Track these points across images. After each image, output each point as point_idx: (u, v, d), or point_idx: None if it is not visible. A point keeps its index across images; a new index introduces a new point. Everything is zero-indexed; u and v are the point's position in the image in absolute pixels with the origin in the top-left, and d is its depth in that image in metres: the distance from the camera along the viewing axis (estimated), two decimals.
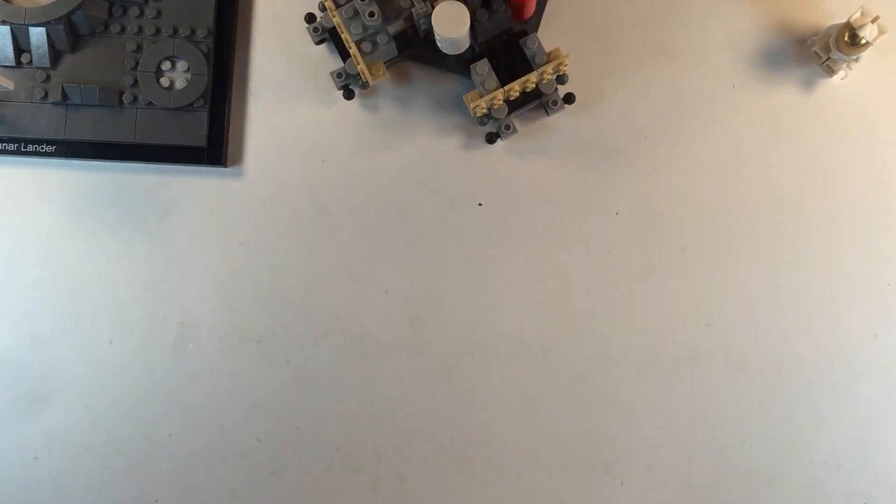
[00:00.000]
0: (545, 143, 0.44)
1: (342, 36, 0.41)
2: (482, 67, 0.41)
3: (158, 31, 0.44)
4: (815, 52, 0.44)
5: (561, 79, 0.43)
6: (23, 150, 0.44)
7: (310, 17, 0.44)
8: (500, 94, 0.41)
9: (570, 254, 0.44)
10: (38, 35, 0.43)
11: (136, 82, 0.44)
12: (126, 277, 0.44)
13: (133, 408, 0.44)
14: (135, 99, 0.44)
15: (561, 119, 0.44)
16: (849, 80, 0.44)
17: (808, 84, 0.44)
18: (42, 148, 0.44)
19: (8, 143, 0.44)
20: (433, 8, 0.39)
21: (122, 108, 0.44)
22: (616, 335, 0.43)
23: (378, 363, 0.44)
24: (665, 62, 0.44)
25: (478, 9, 0.41)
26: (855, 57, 0.42)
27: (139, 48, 0.44)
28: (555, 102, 0.43)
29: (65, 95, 0.43)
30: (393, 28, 0.42)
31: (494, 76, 0.41)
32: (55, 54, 0.44)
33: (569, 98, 0.43)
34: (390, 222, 0.44)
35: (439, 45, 0.42)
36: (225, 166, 0.44)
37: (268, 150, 0.45)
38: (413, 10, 0.41)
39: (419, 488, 0.43)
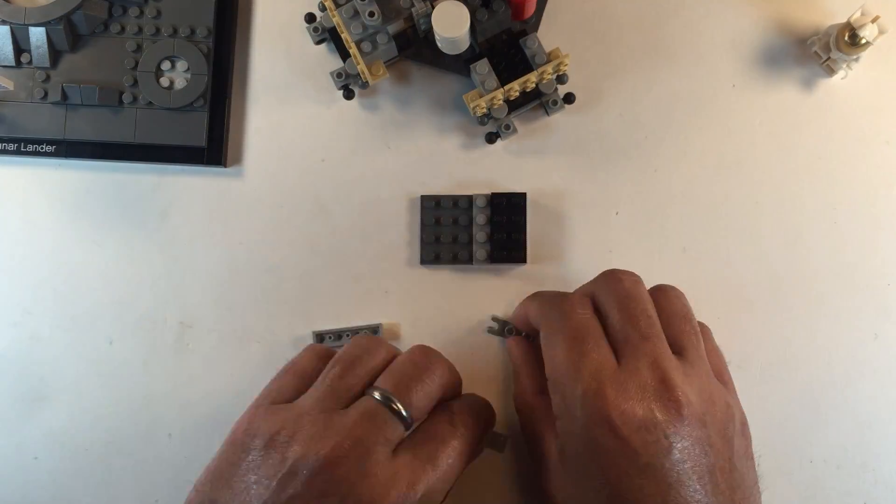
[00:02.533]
0: (545, 143, 0.44)
1: (342, 36, 0.41)
2: (482, 67, 0.41)
3: (158, 30, 0.44)
4: (816, 52, 0.44)
5: (561, 79, 0.43)
6: (23, 150, 0.44)
7: (310, 17, 0.44)
8: (500, 94, 0.41)
9: (569, 254, 0.44)
10: (37, 35, 0.43)
11: (135, 82, 0.44)
12: (126, 277, 0.44)
13: (133, 408, 0.44)
14: (135, 99, 0.44)
15: (561, 119, 0.44)
16: (849, 79, 0.44)
17: (808, 84, 0.44)
18: (42, 148, 0.44)
19: (8, 143, 0.44)
20: (433, 8, 0.39)
21: (121, 108, 0.44)
22: None
23: None
24: (665, 62, 0.44)
25: (478, 8, 0.41)
26: (855, 57, 0.42)
27: (139, 48, 0.44)
28: (555, 102, 0.43)
29: (65, 95, 0.43)
30: (393, 28, 0.42)
31: (494, 76, 0.41)
32: (55, 54, 0.44)
33: (569, 98, 0.43)
34: (390, 222, 0.44)
35: (439, 44, 0.42)
36: (225, 166, 0.44)
37: (268, 150, 0.45)
38: (413, 9, 0.41)
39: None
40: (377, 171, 0.44)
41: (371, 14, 0.40)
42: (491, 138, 0.44)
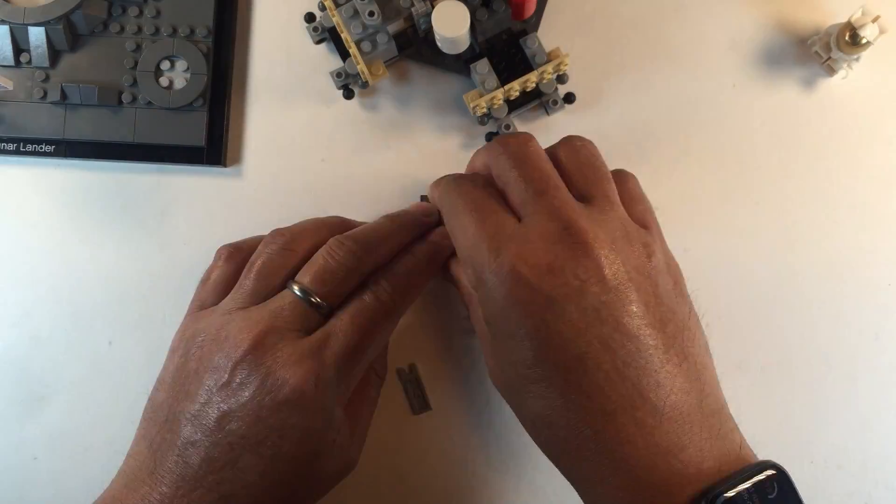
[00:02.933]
0: (545, 143, 0.44)
1: (342, 35, 0.41)
2: (482, 67, 0.41)
3: (158, 30, 0.44)
4: (816, 52, 0.43)
5: (561, 78, 0.43)
6: (22, 150, 0.44)
7: (309, 17, 0.44)
8: (500, 94, 0.41)
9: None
10: (37, 35, 0.43)
11: (135, 82, 0.44)
12: (126, 277, 0.44)
13: (133, 408, 0.43)
14: (134, 99, 0.44)
15: (561, 119, 0.44)
16: (849, 79, 0.44)
17: (808, 84, 0.44)
18: (41, 148, 0.44)
19: (7, 143, 0.44)
20: (433, 7, 0.39)
21: (121, 108, 0.44)
22: None
23: None
24: (665, 62, 0.44)
25: (478, 8, 0.41)
26: (856, 56, 0.42)
27: (138, 48, 0.44)
28: (555, 102, 0.43)
29: (64, 95, 0.43)
30: (393, 28, 0.42)
31: (494, 76, 0.41)
32: (54, 54, 0.44)
33: (569, 98, 0.43)
34: None
35: (439, 44, 0.42)
36: (224, 166, 0.44)
37: (268, 150, 0.45)
38: (413, 9, 0.41)
39: (419, 488, 0.43)
40: (377, 171, 0.44)
41: (371, 14, 0.40)
42: (491, 138, 0.44)
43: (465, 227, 0.33)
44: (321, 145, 0.45)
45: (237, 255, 0.39)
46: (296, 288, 0.35)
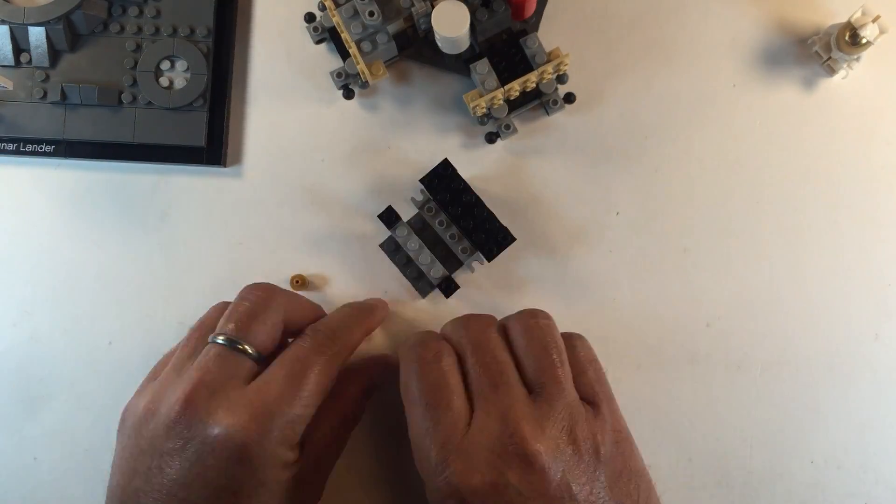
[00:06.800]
0: (545, 142, 0.44)
1: (342, 35, 0.41)
2: (482, 67, 0.41)
3: (158, 30, 0.44)
4: (816, 52, 0.44)
5: (561, 78, 0.43)
6: (22, 149, 0.44)
7: (309, 17, 0.44)
8: (500, 94, 0.41)
9: (569, 254, 0.44)
10: (37, 35, 0.43)
11: (135, 82, 0.44)
12: (126, 277, 0.44)
13: None
14: (134, 99, 0.44)
15: (561, 119, 0.44)
16: (850, 79, 0.44)
17: (808, 84, 0.44)
18: (41, 148, 0.44)
19: (7, 143, 0.44)
20: (433, 7, 0.39)
21: (121, 108, 0.44)
22: (616, 335, 0.43)
23: None
24: (665, 62, 0.44)
25: (478, 8, 0.41)
26: (856, 56, 0.42)
27: (138, 48, 0.44)
28: (555, 102, 0.43)
29: (64, 95, 0.43)
30: (393, 28, 0.42)
31: (494, 76, 0.41)
32: (54, 54, 0.44)
33: (569, 98, 0.43)
34: None
35: (439, 44, 0.42)
36: (224, 166, 0.44)
37: (267, 150, 0.45)
38: (413, 9, 0.41)
39: (420, 488, 0.43)
40: (377, 171, 0.44)
41: (371, 14, 0.40)
42: (491, 138, 0.44)
43: (420, 417, 0.34)
44: (321, 145, 0.45)
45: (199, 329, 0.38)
46: (218, 338, 0.34)
